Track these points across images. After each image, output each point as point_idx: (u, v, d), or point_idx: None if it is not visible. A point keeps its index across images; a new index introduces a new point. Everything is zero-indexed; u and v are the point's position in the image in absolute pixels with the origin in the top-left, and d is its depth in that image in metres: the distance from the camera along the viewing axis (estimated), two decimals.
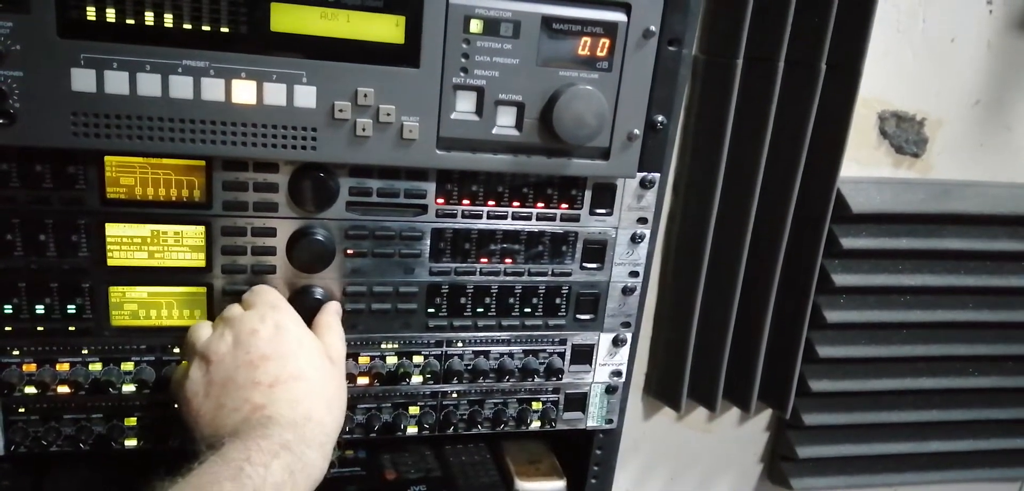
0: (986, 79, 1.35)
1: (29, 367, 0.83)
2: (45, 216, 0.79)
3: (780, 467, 1.56)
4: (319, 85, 0.77)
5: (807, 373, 1.42)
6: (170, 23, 0.73)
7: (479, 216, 0.90)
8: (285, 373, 0.76)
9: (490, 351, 0.96)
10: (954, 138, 1.38)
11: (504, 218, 0.91)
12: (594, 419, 1.04)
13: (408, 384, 0.94)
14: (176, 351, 0.86)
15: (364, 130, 0.79)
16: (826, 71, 1.18)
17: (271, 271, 0.86)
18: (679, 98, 0.91)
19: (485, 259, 0.92)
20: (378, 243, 0.88)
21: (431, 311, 0.93)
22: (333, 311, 0.87)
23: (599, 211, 0.94)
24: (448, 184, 0.88)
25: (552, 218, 0.92)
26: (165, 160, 0.80)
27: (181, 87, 0.74)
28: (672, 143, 0.94)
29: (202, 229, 0.83)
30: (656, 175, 0.93)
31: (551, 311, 0.97)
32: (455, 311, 0.94)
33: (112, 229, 0.81)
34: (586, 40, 0.82)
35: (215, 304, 0.85)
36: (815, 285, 1.32)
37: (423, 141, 0.82)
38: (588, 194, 0.92)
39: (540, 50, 0.81)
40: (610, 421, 1.05)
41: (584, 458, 1.08)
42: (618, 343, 1.01)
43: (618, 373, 1.03)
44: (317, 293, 0.88)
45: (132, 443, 0.88)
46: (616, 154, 0.88)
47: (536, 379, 0.98)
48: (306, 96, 0.77)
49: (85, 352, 0.84)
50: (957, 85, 1.34)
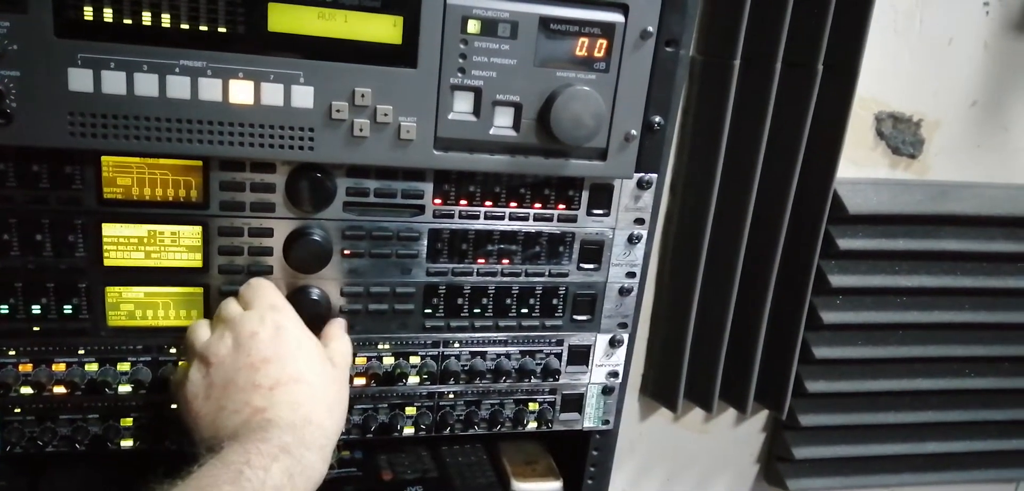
0: (983, 80, 1.35)
1: (25, 367, 0.83)
2: (42, 216, 0.79)
3: (776, 468, 1.56)
4: (316, 85, 0.77)
5: (803, 374, 1.42)
6: (167, 23, 0.73)
7: (476, 217, 0.90)
8: (285, 376, 0.76)
9: (487, 352, 0.96)
10: (951, 139, 1.38)
11: (501, 219, 0.91)
12: (591, 420, 1.04)
13: (405, 385, 0.94)
14: (173, 351, 0.86)
15: (361, 130, 0.79)
16: (823, 72, 1.18)
17: (268, 271, 0.86)
18: (676, 99, 0.91)
19: (482, 260, 0.92)
20: (375, 243, 0.88)
21: (428, 312, 0.93)
22: (339, 324, 0.88)
23: (596, 212, 0.94)
24: (445, 184, 0.88)
25: (549, 219, 0.92)
26: (162, 160, 0.80)
27: (178, 87, 0.74)
28: (669, 144, 0.94)
29: (199, 229, 0.83)
30: (653, 176, 0.93)
31: (548, 312, 0.97)
32: (452, 312, 0.94)
33: (109, 229, 0.81)
34: (583, 41, 0.82)
35: (212, 304, 0.85)
36: (812, 286, 1.32)
37: (420, 141, 0.82)
38: (585, 195, 0.92)
39: (538, 51, 0.81)
40: (607, 422, 1.05)
41: (581, 459, 1.08)
42: (615, 344, 1.01)
43: (615, 374, 1.03)
44: (314, 294, 0.87)
45: (128, 444, 0.88)
46: (613, 155, 0.88)
47: (533, 380, 0.98)
48: (303, 96, 0.77)
49: (81, 352, 0.84)
50: (954, 86, 1.34)
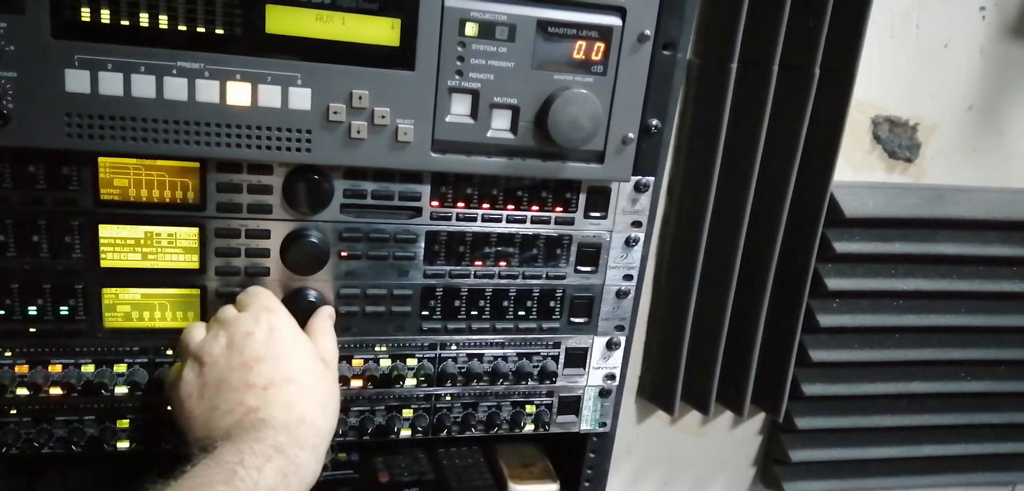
0: (979, 84, 1.35)
1: (21, 368, 0.83)
2: (38, 217, 0.79)
3: (773, 471, 1.56)
4: (314, 87, 0.77)
5: (800, 377, 1.42)
6: (165, 24, 0.73)
7: (474, 219, 0.90)
8: (279, 376, 0.76)
9: (484, 354, 0.96)
10: (947, 143, 1.38)
11: (499, 221, 0.91)
12: (588, 422, 1.04)
13: (402, 387, 0.94)
14: (169, 353, 0.86)
15: (359, 132, 0.79)
16: (820, 76, 1.18)
17: (265, 273, 0.86)
18: (674, 102, 0.91)
19: (479, 262, 0.92)
20: (372, 245, 0.88)
21: (425, 314, 0.93)
22: (326, 315, 0.87)
23: (594, 214, 0.94)
24: (443, 187, 0.88)
25: (547, 221, 0.92)
26: (159, 161, 0.80)
27: (175, 88, 0.74)
28: (667, 147, 0.94)
29: (196, 231, 0.83)
30: (651, 179, 0.93)
31: (545, 314, 0.97)
32: (449, 314, 0.94)
33: (105, 230, 0.81)
34: (581, 44, 0.82)
35: (208, 306, 0.85)
36: (808, 289, 1.32)
37: (418, 144, 0.82)
38: (583, 197, 0.92)
39: (535, 53, 0.81)
40: (604, 424, 1.05)
41: (577, 461, 1.08)
42: (612, 346, 1.01)
43: (612, 376, 1.03)
44: (311, 296, 0.87)
45: (124, 445, 0.88)
46: (611, 158, 0.88)
47: (530, 382, 0.98)
48: (301, 98, 0.77)
49: (78, 354, 0.84)
50: (950, 90, 1.35)
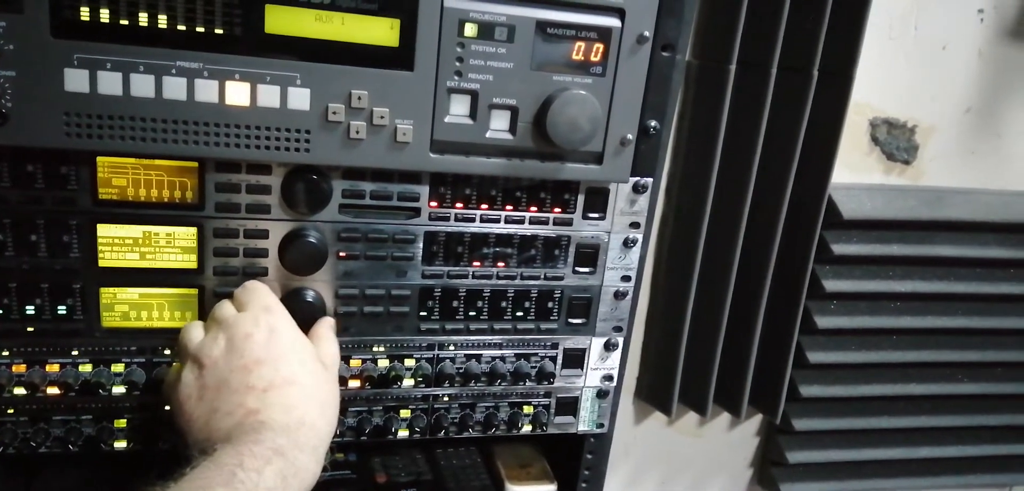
0: (977, 87, 1.35)
1: (19, 368, 0.83)
2: (37, 216, 0.79)
3: (770, 472, 1.56)
4: (313, 87, 0.77)
5: (797, 378, 1.42)
6: (164, 24, 0.72)
7: (472, 219, 0.90)
8: (279, 378, 0.76)
9: (482, 354, 0.96)
10: (945, 145, 1.38)
11: (497, 222, 0.91)
12: (585, 423, 1.04)
13: (399, 387, 0.94)
14: (167, 353, 0.86)
15: (358, 133, 0.79)
16: (818, 77, 1.18)
17: (263, 273, 0.86)
18: (672, 103, 0.91)
19: (478, 263, 0.92)
20: (371, 246, 0.88)
21: (423, 314, 0.93)
22: (327, 325, 0.87)
23: (592, 215, 0.94)
24: (441, 187, 0.88)
25: (545, 222, 0.92)
26: (157, 161, 0.80)
27: (174, 88, 0.74)
28: (665, 148, 0.94)
29: (194, 230, 0.83)
30: (649, 180, 0.93)
31: (543, 315, 0.97)
32: (447, 314, 0.94)
33: (104, 230, 0.81)
34: (580, 45, 0.82)
35: (207, 306, 0.85)
36: (806, 291, 1.32)
37: (417, 144, 0.81)
38: (581, 198, 0.92)
39: (534, 54, 0.81)
40: (601, 425, 1.05)
41: (575, 462, 1.08)
42: (610, 347, 1.01)
43: (609, 377, 1.03)
44: (309, 296, 0.87)
45: (122, 445, 0.88)
46: (609, 159, 0.88)
47: (528, 383, 0.98)
48: (300, 98, 0.77)
49: (75, 353, 0.84)
50: (948, 92, 1.35)
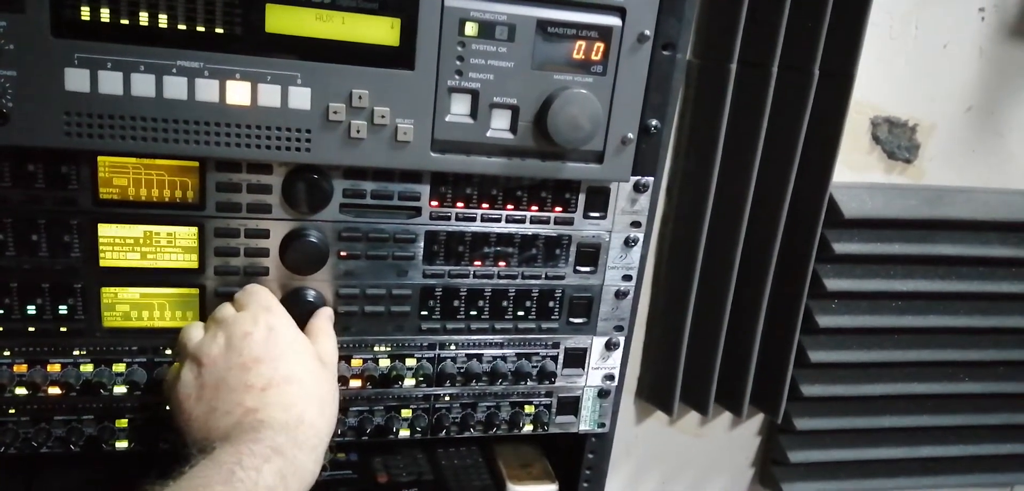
0: (978, 85, 1.35)
1: (20, 368, 0.83)
2: (37, 216, 0.79)
3: (772, 471, 1.56)
4: (314, 87, 0.77)
5: (799, 378, 1.42)
6: (165, 24, 0.72)
7: (473, 219, 0.90)
8: (278, 376, 0.76)
9: (483, 354, 0.96)
10: (946, 144, 1.38)
11: (498, 221, 0.91)
12: (586, 423, 1.04)
13: (400, 387, 0.94)
14: (168, 353, 0.86)
15: (358, 132, 0.79)
16: (819, 77, 1.18)
17: (264, 273, 0.86)
18: (673, 102, 0.91)
19: (479, 262, 0.92)
20: (371, 245, 0.88)
21: (424, 314, 0.93)
22: (325, 316, 0.87)
23: (593, 215, 0.94)
24: (442, 187, 0.88)
25: (546, 221, 0.92)
26: (158, 161, 0.80)
27: (175, 88, 0.74)
28: (666, 147, 0.94)
29: (195, 230, 0.83)
30: (650, 179, 0.93)
31: (544, 314, 0.97)
32: (448, 314, 0.94)
33: (105, 230, 0.81)
34: (581, 44, 0.82)
35: (207, 306, 0.85)
36: (807, 290, 1.32)
37: (417, 143, 0.81)
38: (582, 198, 0.92)
39: (535, 53, 0.81)
40: (602, 425, 1.05)
41: (576, 462, 1.08)
42: (611, 347, 1.01)
43: (611, 377, 1.03)
44: (310, 295, 0.87)
45: (123, 445, 0.88)
46: (610, 158, 0.88)
47: (529, 382, 0.98)
48: (300, 98, 0.77)
49: (76, 353, 0.84)
50: (949, 91, 1.35)
